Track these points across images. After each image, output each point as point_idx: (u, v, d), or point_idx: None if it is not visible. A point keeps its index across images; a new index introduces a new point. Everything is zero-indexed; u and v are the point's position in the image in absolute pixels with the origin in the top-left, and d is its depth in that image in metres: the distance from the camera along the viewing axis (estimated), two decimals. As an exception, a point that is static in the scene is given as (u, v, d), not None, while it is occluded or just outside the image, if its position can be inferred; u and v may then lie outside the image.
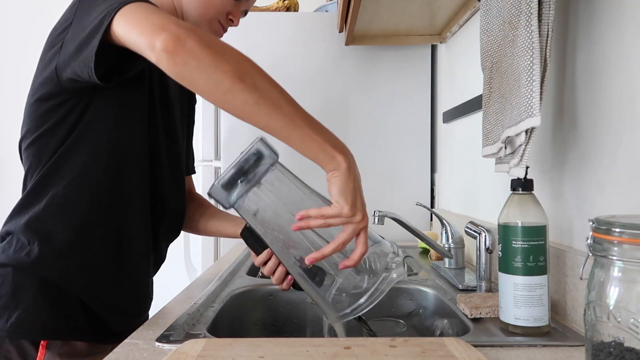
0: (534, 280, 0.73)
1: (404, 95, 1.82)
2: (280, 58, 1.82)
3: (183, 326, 0.80)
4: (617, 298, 0.50)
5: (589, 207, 0.78)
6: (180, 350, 0.64)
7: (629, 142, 0.69)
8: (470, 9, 1.36)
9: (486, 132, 0.95)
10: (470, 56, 1.39)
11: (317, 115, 0.80)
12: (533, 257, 0.74)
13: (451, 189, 1.59)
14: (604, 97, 0.74)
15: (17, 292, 0.83)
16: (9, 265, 0.84)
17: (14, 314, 0.82)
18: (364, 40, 1.74)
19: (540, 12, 0.76)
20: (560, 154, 0.87)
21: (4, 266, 0.84)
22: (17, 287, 0.83)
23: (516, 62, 0.79)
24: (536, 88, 0.74)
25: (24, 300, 0.83)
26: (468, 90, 1.39)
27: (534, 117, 0.74)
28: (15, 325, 0.81)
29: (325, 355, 0.62)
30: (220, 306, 0.95)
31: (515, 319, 0.74)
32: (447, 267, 1.17)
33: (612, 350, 0.50)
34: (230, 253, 1.55)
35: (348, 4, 1.41)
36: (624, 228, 0.49)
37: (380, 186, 1.82)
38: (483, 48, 0.97)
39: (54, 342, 0.83)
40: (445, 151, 1.68)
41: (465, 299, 0.89)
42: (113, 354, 0.68)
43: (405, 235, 1.08)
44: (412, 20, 1.54)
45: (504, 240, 0.76)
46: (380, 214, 1.09)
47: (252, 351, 0.63)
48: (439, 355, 0.61)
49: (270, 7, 1.92)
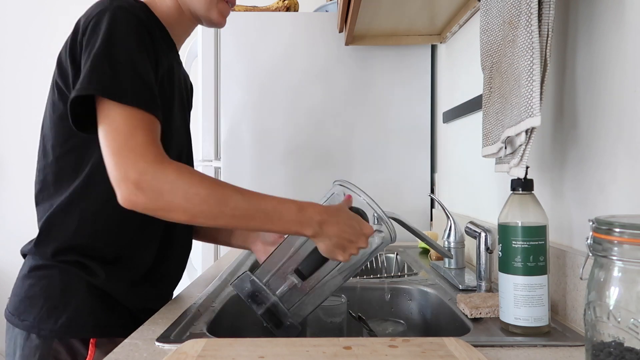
0: (534, 280, 0.73)
1: (404, 95, 1.82)
2: (280, 58, 1.82)
3: (183, 326, 0.80)
4: (617, 298, 0.50)
5: (589, 207, 0.78)
6: (180, 350, 0.64)
7: (629, 142, 0.69)
8: (470, 9, 1.36)
9: (486, 132, 0.95)
10: (470, 56, 1.39)
11: (317, 115, 0.81)
12: (533, 257, 0.74)
13: (451, 189, 1.59)
14: (604, 97, 0.74)
15: (66, 292, 0.84)
16: (55, 266, 0.84)
17: (63, 315, 0.83)
18: (364, 40, 1.74)
19: (540, 12, 0.76)
20: (560, 154, 0.87)
21: (50, 267, 0.85)
22: (65, 287, 0.84)
23: (516, 62, 0.79)
24: (536, 88, 0.74)
25: (74, 299, 0.83)
26: (468, 90, 1.39)
27: (534, 117, 0.74)
28: (65, 326, 0.82)
29: (325, 355, 0.62)
30: (220, 306, 0.95)
31: (516, 319, 0.74)
32: (447, 267, 1.17)
33: (612, 350, 0.50)
34: (230, 253, 1.55)
35: (348, 4, 1.41)
36: (624, 228, 0.49)
37: (380, 186, 1.82)
38: (483, 48, 0.97)
39: (102, 340, 0.84)
40: (445, 151, 1.68)
41: (465, 299, 0.89)
42: (113, 354, 0.68)
43: (405, 235, 1.08)
44: (412, 20, 1.54)
45: (504, 240, 0.76)
46: (380, 214, 1.09)
47: (252, 351, 0.63)
48: (439, 355, 0.61)
49: (270, 7, 1.92)
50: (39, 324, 0.83)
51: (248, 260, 1.40)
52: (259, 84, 1.83)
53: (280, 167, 1.83)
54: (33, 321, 0.83)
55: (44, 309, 0.83)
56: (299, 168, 1.82)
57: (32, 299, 0.84)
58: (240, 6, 1.91)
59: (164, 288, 0.99)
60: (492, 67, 0.93)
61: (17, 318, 0.84)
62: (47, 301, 0.83)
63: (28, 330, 0.83)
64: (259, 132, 1.83)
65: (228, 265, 1.30)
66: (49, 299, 0.83)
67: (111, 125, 0.74)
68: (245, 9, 1.90)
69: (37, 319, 0.83)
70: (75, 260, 0.84)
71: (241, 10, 1.89)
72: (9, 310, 0.87)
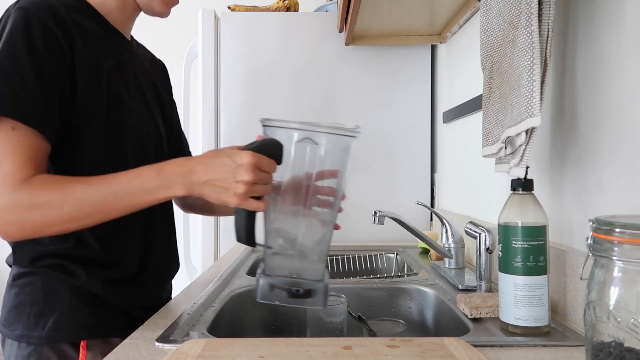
0: (534, 280, 0.73)
1: (404, 95, 1.82)
2: (280, 58, 1.82)
3: (183, 326, 0.80)
4: (617, 298, 0.50)
5: (589, 207, 0.78)
6: (180, 350, 0.64)
7: (629, 142, 0.69)
8: (470, 9, 1.36)
9: (486, 132, 0.95)
10: (470, 56, 1.39)
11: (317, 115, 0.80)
12: (533, 257, 0.73)
13: (451, 189, 1.59)
14: (604, 97, 0.74)
15: (50, 297, 0.82)
16: (36, 272, 0.83)
17: (50, 319, 0.82)
18: (364, 40, 1.74)
19: (541, 12, 0.76)
20: (560, 154, 0.87)
21: (31, 274, 0.84)
22: (48, 291, 0.83)
23: (516, 62, 0.79)
24: (536, 88, 0.74)
25: (60, 303, 0.82)
26: (468, 90, 1.39)
27: (534, 117, 0.74)
28: (53, 330, 0.81)
29: (325, 355, 0.62)
30: (220, 306, 0.95)
31: (516, 319, 0.74)
32: (447, 267, 1.17)
33: (612, 350, 0.50)
34: (230, 253, 1.55)
35: (348, 4, 1.41)
36: (624, 228, 0.49)
37: (380, 186, 1.82)
38: (483, 48, 0.97)
39: (95, 342, 0.83)
40: (445, 151, 1.68)
41: (465, 299, 0.89)
42: (113, 354, 0.68)
43: (405, 235, 1.08)
44: (412, 20, 1.54)
45: (504, 241, 0.76)
46: (380, 214, 1.09)
47: (252, 351, 0.63)
48: (439, 355, 0.61)
49: (270, 7, 1.92)
50: (28, 331, 0.81)
51: (248, 260, 1.40)
52: (259, 84, 1.83)
53: (280, 168, 1.82)
54: (22, 330, 0.82)
55: (31, 316, 0.82)
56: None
57: (18, 307, 0.83)
58: (240, 6, 1.91)
59: (154, 285, 0.97)
60: (492, 67, 0.93)
61: (8, 329, 0.83)
62: (33, 308, 0.82)
63: (19, 340, 0.82)
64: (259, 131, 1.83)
65: (228, 265, 1.30)
66: (34, 305, 0.82)
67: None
68: (245, 9, 1.90)
69: (25, 327, 0.82)
70: (55, 264, 0.83)
71: (241, 10, 1.89)
72: (0, 322, 0.86)
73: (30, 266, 0.83)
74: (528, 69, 0.76)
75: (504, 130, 0.84)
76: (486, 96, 0.96)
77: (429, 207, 1.23)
